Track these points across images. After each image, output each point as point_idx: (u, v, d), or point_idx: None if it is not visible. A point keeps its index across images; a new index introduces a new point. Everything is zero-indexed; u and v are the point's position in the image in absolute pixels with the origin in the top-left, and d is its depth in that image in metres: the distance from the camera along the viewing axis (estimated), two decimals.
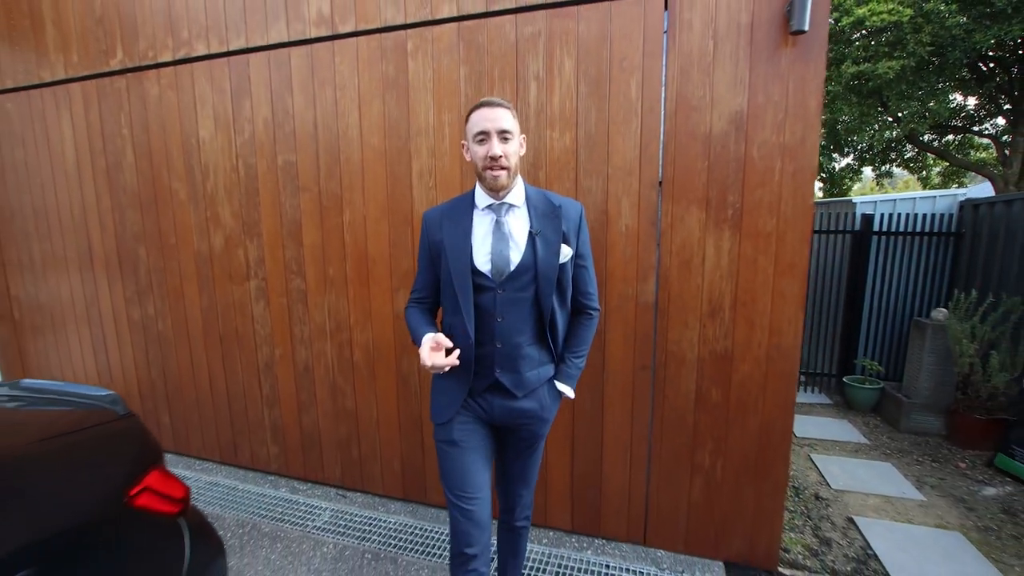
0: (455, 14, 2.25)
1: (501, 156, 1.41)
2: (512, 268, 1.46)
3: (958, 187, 14.14)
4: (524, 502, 1.74)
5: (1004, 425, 3.38)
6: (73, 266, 3.40)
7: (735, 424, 2.16)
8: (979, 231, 4.08)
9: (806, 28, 1.80)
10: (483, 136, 1.42)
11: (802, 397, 4.74)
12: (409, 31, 2.34)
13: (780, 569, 2.27)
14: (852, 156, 14.17)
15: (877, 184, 15.15)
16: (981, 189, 13.93)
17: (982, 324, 3.55)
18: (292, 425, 2.95)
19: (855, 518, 2.75)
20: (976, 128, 12.64)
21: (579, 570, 2.24)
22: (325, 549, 2.42)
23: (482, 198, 1.51)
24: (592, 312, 1.63)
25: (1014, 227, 3.70)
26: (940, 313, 3.90)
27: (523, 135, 1.54)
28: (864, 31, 8.69)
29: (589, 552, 2.37)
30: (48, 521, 0.87)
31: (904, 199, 4.53)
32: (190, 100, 2.83)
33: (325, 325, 2.74)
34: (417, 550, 2.39)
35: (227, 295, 2.94)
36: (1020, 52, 9.24)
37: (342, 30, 2.45)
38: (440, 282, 1.57)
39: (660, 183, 2.09)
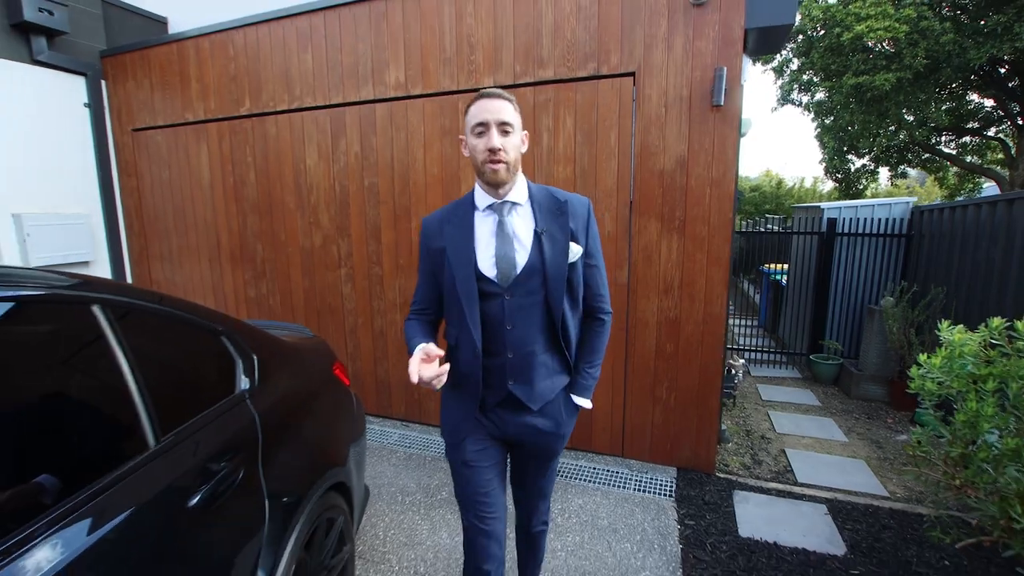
0: (492, 84, 3.26)
1: (500, 149, 1.32)
2: (518, 271, 1.38)
3: (973, 188, 14.46)
4: (541, 510, 1.69)
5: None
6: (204, 257, 4.56)
7: (682, 368, 3.12)
8: (924, 233, 4.88)
9: (722, 103, 2.75)
10: (482, 128, 1.33)
11: (777, 372, 5.61)
12: (460, 95, 3.36)
13: (718, 474, 3.22)
14: (868, 157, 14.61)
15: (892, 184, 15.49)
16: (994, 190, 14.20)
17: (912, 310, 4.38)
18: (369, 374, 4.03)
19: (787, 450, 3.67)
20: (992, 131, 12.99)
21: (577, 471, 3.24)
22: (397, 455, 3.48)
23: (482, 198, 1.43)
24: (604, 316, 1.54)
25: (945, 230, 4.50)
26: (887, 301, 4.72)
27: (525, 131, 1.46)
28: (865, 44, 9.33)
29: (583, 460, 3.36)
30: (308, 378, 1.92)
31: (865, 206, 5.33)
32: (300, 138, 3.92)
33: (396, 300, 3.80)
34: None
35: (323, 279, 4.04)
36: None
37: (413, 93, 3.49)
38: (443, 292, 1.49)
39: (631, 203, 3.06)
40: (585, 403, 1.53)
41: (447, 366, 1.28)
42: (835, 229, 5.23)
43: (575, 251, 1.43)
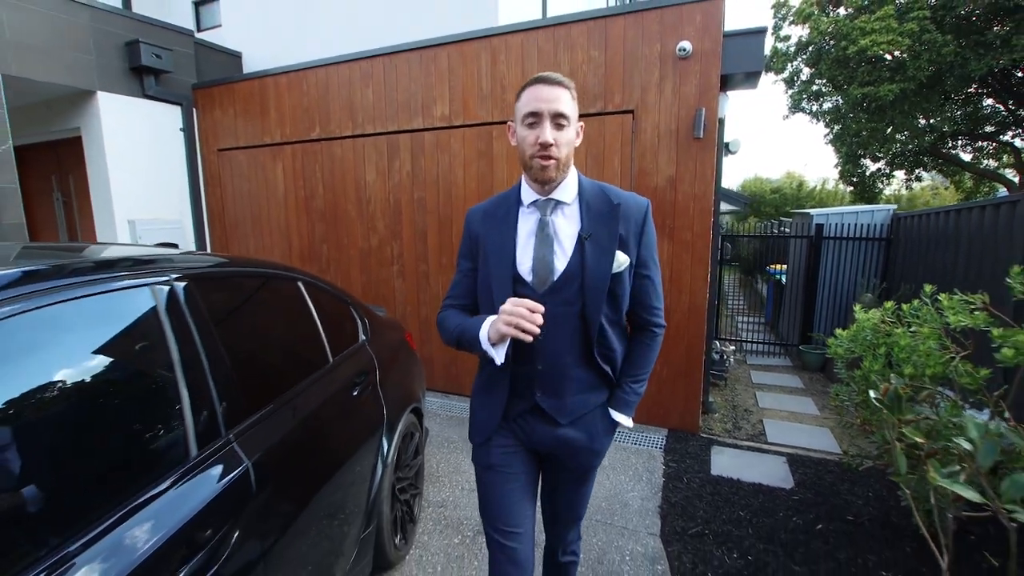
0: None
1: (552, 144, 1.22)
2: (556, 277, 1.30)
3: (988, 191, 14.66)
4: (571, 537, 1.59)
5: None
6: (276, 256, 5.46)
7: (672, 347, 3.85)
8: (902, 237, 5.49)
9: (701, 136, 3.49)
10: (534, 119, 1.23)
11: (772, 361, 6.27)
12: (493, 125, 4.16)
13: (701, 434, 3.94)
14: (884, 161, 14.94)
15: (908, 188, 15.76)
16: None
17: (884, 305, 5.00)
18: None
19: (764, 420, 4.36)
20: (1009, 135, 13.22)
21: None
22: (441, 417, 4.29)
23: (527, 193, 1.35)
24: (656, 329, 1.43)
25: (917, 235, 5.12)
26: (866, 298, 5.35)
27: (581, 123, 1.36)
28: (870, 56, 9.82)
29: None
30: (392, 340, 2.73)
31: (850, 212, 5.95)
32: (361, 158, 4.78)
33: (439, 293, 4.62)
34: None
35: (378, 274, 4.89)
36: None
37: (455, 123, 4.31)
38: (478, 288, 1.43)
39: None
40: (624, 420, 1.40)
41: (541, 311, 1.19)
42: (822, 233, 5.86)
43: (621, 260, 1.31)
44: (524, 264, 1.33)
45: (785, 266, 7.83)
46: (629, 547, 2.55)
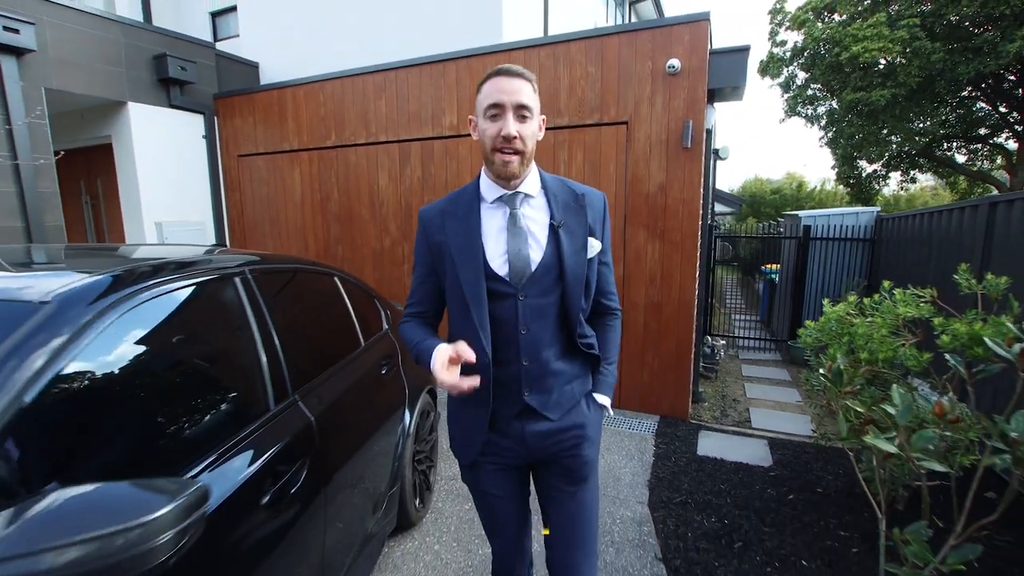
0: None
1: (516, 137, 1.21)
2: (534, 268, 1.29)
3: (982, 192, 14.93)
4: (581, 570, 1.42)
5: None
6: None
7: (663, 340, 4.17)
8: (884, 238, 5.80)
9: (689, 146, 3.81)
10: (496, 111, 1.22)
11: (763, 355, 6.58)
12: None
13: (690, 420, 4.26)
14: (879, 164, 15.22)
15: (901, 189, 16.04)
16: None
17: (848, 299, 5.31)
18: None
19: (750, 408, 4.67)
20: (1003, 136, 13.50)
21: None
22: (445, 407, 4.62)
23: (490, 189, 1.33)
24: (617, 313, 1.49)
25: (898, 236, 5.43)
26: (851, 295, 5.65)
27: (543, 116, 1.35)
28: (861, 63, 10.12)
29: None
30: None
31: (836, 214, 6.26)
32: (375, 164, 5.12)
33: None
34: None
35: (390, 273, 5.22)
36: None
37: (463, 133, 4.64)
38: (445, 293, 1.39)
39: (625, 216, 4.13)
40: (606, 401, 1.44)
41: (476, 379, 1.18)
42: (810, 234, 6.17)
43: (595, 246, 1.35)
44: (496, 260, 1.30)
45: (778, 265, 8.15)
46: (620, 513, 2.88)
